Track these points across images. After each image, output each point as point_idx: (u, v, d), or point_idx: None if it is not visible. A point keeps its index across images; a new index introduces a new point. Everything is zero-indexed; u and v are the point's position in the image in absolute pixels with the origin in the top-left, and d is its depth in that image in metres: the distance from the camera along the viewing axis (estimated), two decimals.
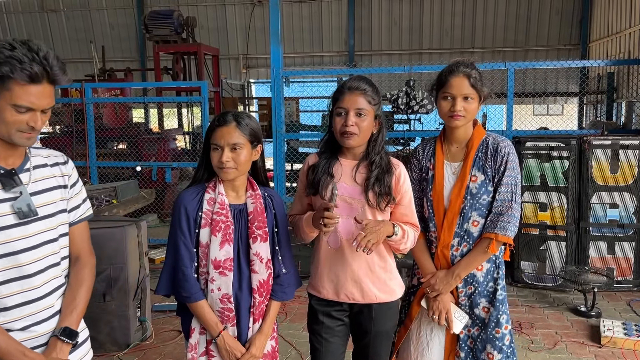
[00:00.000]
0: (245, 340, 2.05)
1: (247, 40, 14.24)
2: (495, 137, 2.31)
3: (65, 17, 15.24)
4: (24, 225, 1.62)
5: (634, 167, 4.98)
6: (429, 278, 2.31)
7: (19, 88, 1.52)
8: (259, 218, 2.04)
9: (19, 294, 1.62)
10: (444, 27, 13.24)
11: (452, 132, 2.32)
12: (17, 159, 1.67)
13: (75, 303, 1.75)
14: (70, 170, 1.81)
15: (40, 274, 1.66)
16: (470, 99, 2.21)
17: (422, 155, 2.40)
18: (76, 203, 1.82)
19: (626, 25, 9.57)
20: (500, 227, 2.21)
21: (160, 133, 9.01)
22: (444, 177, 2.31)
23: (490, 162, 2.25)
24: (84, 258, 1.83)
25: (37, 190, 1.68)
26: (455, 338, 2.34)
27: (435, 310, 2.29)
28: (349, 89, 2.11)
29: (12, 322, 1.62)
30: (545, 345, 3.98)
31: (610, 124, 8.17)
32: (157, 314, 4.50)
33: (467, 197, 2.25)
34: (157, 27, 9.69)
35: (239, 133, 1.98)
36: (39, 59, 1.53)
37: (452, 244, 2.29)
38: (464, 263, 2.26)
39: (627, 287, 5.08)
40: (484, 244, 2.23)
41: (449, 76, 2.23)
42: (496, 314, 2.30)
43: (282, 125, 6.18)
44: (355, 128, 2.09)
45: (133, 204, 5.41)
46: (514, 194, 2.24)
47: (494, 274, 2.33)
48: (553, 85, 12.28)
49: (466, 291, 2.32)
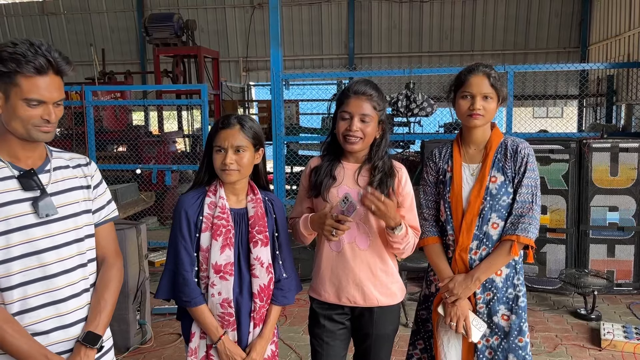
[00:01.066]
0: (246, 345, 2.04)
1: (247, 43, 14.27)
2: (514, 139, 2.26)
3: (66, 20, 15.28)
4: (47, 225, 1.63)
5: (633, 169, 4.98)
6: (447, 282, 2.22)
7: (26, 82, 1.56)
8: (259, 222, 2.04)
9: (43, 294, 1.62)
10: (444, 30, 13.27)
11: (470, 134, 2.27)
12: (37, 160, 1.69)
13: (100, 307, 1.74)
14: (93, 171, 1.82)
15: (64, 275, 1.66)
16: (490, 99, 2.17)
17: (439, 157, 2.34)
18: (101, 204, 1.82)
19: (626, 28, 9.59)
20: (522, 228, 2.15)
21: (160, 136, 9.02)
22: (462, 178, 2.25)
23: (510, 163, 2.20)
24: (110, 259, 1.83)
25: (58, 190, 1.69)
26: (472, 348, 2.24)
27: (453, 316, 2.20)
28: (355, 93, 2.11)
29: (36, 323, 1.62)
30: (546, 349, 3.98)
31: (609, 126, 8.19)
32: (156, 317, 4.49)
33: (487, 198, 2.20)
34: (157, 30, 9.70)
35: (242, 135, 1.98)
36: (41, 52, 1.56)
37: (471, 247, 2.21)
38: (484, 266, 2.19)
39: (627, 290, 5.07)
40: (506, 246, 2.17)
41: (468, 75, 2.20)
42: (518, 321, 2.22)
43: (282, 128, 6.18)
44: (360, 133, 2.09)
45: (133, 207, 5.41)
46: (534, 196, 2.19)
47: (514, 279, 2.25)
48: (553, 88, 12.31)
49: (484, 297, 2.23)
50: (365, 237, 2.16)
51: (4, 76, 1.55)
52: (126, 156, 8.33)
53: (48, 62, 1.58)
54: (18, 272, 1.59)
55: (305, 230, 2.14)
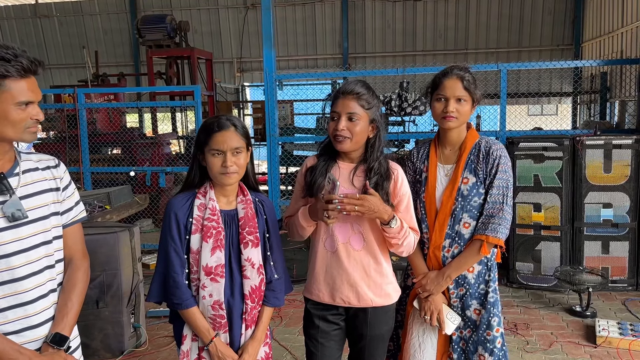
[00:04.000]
0: (238, 346, 2.03)
1: (240, 44, 14.24)
2: (488, 140, 2.34)
3: (58, 23, 15.22)
4: (16, 228, 1.64)
5: (627, 166, 4.99)
6: (421, 279, 2.33)
7: (15, 85, 1.58)
8: (250, 223, 2.03)
9: (11, 296, 1.64)
10: (438, 29, 13.28)
11: (445, 135, 2.35)
12: (6, 162, 1.69)
13: (67, 308, 1.76)
14: (62, 173, 1.83)
15: (32, 277, 1.67)
16: (463, 101, 2.24)
17: (417, 157, 2.43)
18: (69, 205, 1.83)
19: (619, 25, 9.62)
20: (491, 229, 2.23)
21: (154, 138, 8.99)
22: (437, 179, 2.34)
23: (482, 165, 2.28)
24: (77, 261, 1.84)
25: (28, 193, 1.69)
26: (448, 339, 2.36)
27: (427, 310, 2.31)
28: (343, 93, 2.12)
29: (5, 324, 1.64)
30: (541, 346, 3.98)
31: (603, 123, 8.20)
32: (151, 320, 4.48)
33: (459, 199, 2.28)
34: (150, 32, 9.68)
35: (238, 137, 1.97)
36: (19, 53, 1.58)
37: (444, 245, 2.31)
38: (454, 264, 2.29)
39: (621, 286, 5.08)
40: (475, 245, 2.26)
41: (442, 78, 2.28)
42: (487, 316, 2.31)
43: (276, 128, 6.17)
44: (347, 132, 2.09)
45: (127, 210, 5.39)
46: (505, 197, 2.26)
47: (486, 276, 2.34)
48: (547, 86, 12.34)
49: (457, 292, 2.34)
50: (359, 238, 2.15)
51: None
52: (120, 159, 8.31)
53: (29, 63, 1.60)
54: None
55: (305, 221, 2.14)
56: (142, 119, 13.50)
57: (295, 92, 10.53)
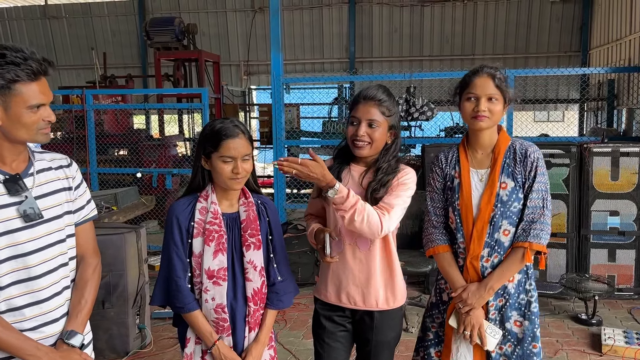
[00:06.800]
0: (242, 349, 2.04)
1: (248, 47, 14.28)
2: (522, 142, 2.22)
3: (67, 24, 15.32)
4: (31, 228, 1.67)
5: (634, 174, 4.97)
6: (460, 292, 2.18)
7: (26, 89, 1.59)
8: (251, 226, 2.03)
9: (28, 294, 1.68)
10: (445, 34, 13.28)
11: (476, 138, 2.22)
12: (21, 163, 1.72)
13: (80, 305, 1.80)
14: (74, 172, 1.86)
15: (47, 275, 1.71)
16: (495, 100, 2.13)
17: (445, 163, 2.28)
18: (81, 204, 1.86)
19: (626, 32, 9.59)
20: (534, 235, 2.12)
21: (161, 139, 9.02)
22: (471, 184, 2.20)
23: (520, 168, 2.16)
24: (89, 258, 1.88)
25: (42, 193, 1.72)
26: (485, 357, 2.21)
27: (467, 325, 2.16)
28: (364, 99, 2.12)
29: (22, 321, 1.67)
30: (546, 354, 3.96)
31: (610, 131, 8.18)
32: (156, 321, 4.48)
33: (498, 205, 2.15)
34: (158, 34, 9.73)
35: (247, 143, 1.98)
36: (28, 56, 1.59)
37: (482, 254, 2.17)
38: (497, 274, 2.15)
39: (628, 294, 5.05)
40: (518, 253, 2.13)
41: (473, 77, 2.16)
42: (532, 327, 2.20)
43: (282, 131, 6.19)
44: (367, 137, 2.11)
45: (133, 211, 5.40)
46: (545, 201, 2.16)
47: (526, 285, 2.22)
48: (554, 92, 12.30)
49: (497, 304, 2.20)
50: (366, 239, 2.15)
51: (3, 88, 1.56)
52: (127, 160, 8.34)
53: (39, 65, 1.61)
54: (5, 274, 1.64)
55: (311, 241, 2.23)
56: (149, 121, 13.55)
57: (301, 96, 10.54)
